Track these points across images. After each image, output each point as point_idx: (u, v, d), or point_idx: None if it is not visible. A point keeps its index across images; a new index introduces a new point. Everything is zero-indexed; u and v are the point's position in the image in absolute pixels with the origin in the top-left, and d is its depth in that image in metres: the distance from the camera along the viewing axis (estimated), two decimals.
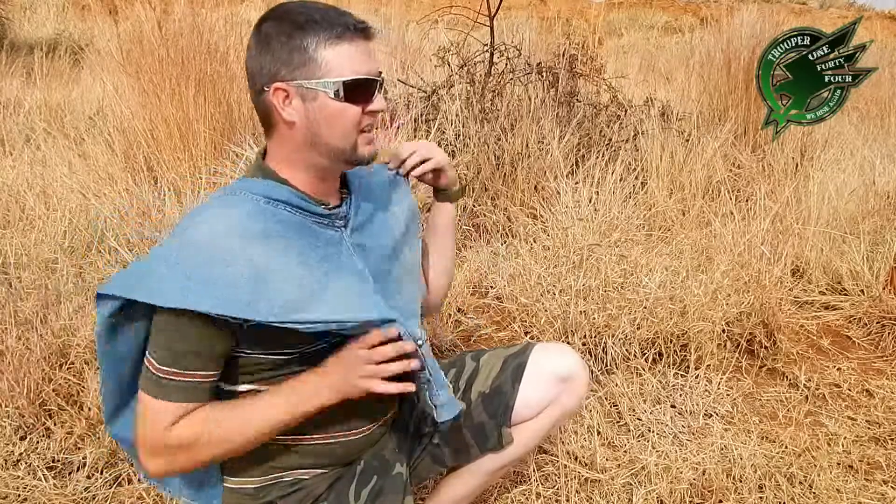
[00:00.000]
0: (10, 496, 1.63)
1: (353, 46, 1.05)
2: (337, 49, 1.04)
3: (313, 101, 1.06)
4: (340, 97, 1.05)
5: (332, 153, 1.10)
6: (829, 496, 1.75)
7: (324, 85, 1.05)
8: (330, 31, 1.04)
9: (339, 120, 1.07)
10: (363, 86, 1.07)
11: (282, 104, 1.07)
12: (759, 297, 2.44)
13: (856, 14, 12.23)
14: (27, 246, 2.54)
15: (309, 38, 1.03)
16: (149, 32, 3.22)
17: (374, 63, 1.09)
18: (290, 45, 1.04)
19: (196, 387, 1.05)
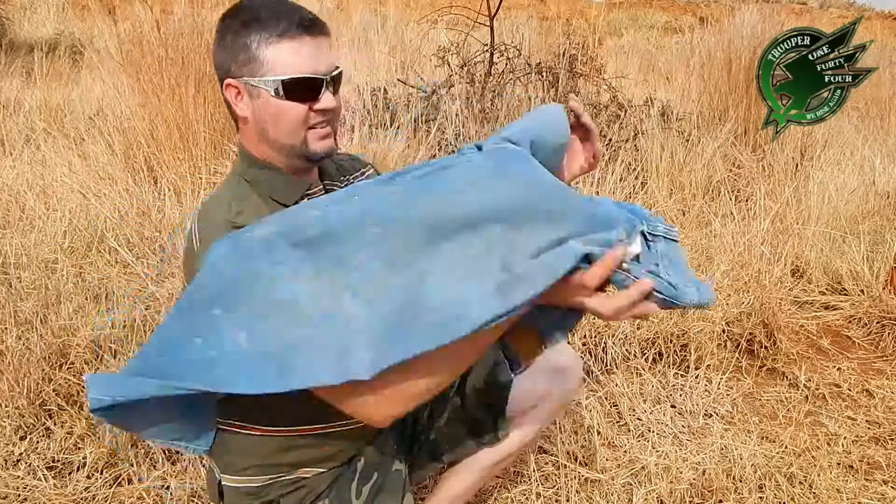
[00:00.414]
0: (10, 496, 1.63)
1: (295, 44, 1.04)
2: (277, 47, 1.04)
3: (258, 99, 1.07)
4: (281, 95, 1.05)
5: (282, 149, 1.11)
6: (829, 496, 1.75)
7: (265, 83, 1.05)
8: (272, 29, 1.03)
9: (283, 118, 1.07)
10: (306, 84, 1.05)
11: (234, 100, 1.09)
12: (759, 297, 2.44)
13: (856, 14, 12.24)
14: (27, 246, 2.54)
15: (252, 35, 1.04)
16: (148, 32, 3.22)
17: (323, 60, 1.07)
18: (237, 42, 1.05)
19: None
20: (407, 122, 3.35)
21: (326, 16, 6.67)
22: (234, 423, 1.18)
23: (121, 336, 2.06)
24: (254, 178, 1.13)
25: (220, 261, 0.89)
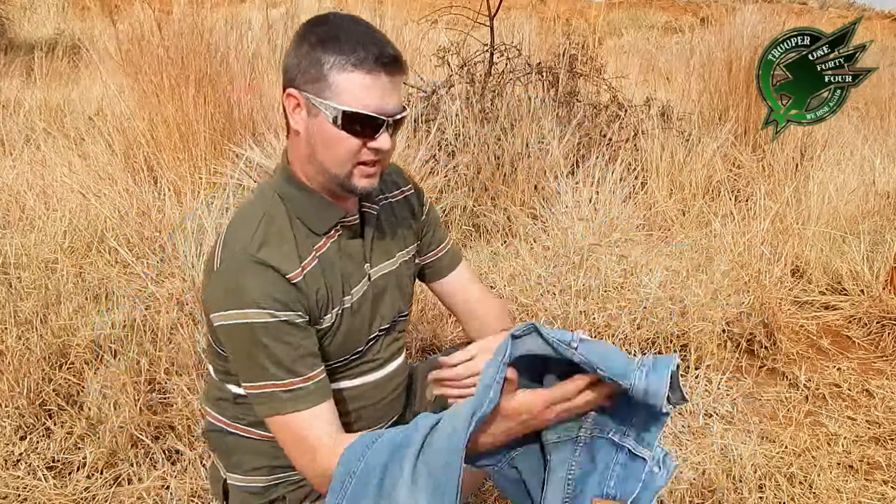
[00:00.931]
0: (10, 496, 1.63)
1: (369, 78, 1.00)
2: (350, 76, 0.99)
3: (315, 119, 1.03)
4: (339, 125, 1.01)
5: (326, 175, 1.07)
6: (829, 496, 1.75)
7: (326, 107, 1.01)
8: (350, 55, 0.99)
9: (335, 147, 1.03)
10: (366, 121, 1.01)
11: (291, 110, 1.06)
12: (759, 297, 2.44)
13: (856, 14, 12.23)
14: (27, 246, 2.54)
15: (328, 55, 1.00)
16: (148, 33, 3.22)
17: (391, 100, 1.03)
18: (311, 55, 1.01)
19: (322, 382, 1.05)
20: (407, 122, 3.35)
21: None
22: (241, 427, 1.18)
23: (121, 336, 2.07)
24: (288, 196, 1.10)
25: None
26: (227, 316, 1.01)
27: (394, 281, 1.23)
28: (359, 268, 1.16)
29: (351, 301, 1.14)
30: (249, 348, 1.02)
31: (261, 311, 1.00)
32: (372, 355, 1.21)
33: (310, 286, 1.07)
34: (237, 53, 3.52)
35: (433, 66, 3.98)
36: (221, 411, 1.20)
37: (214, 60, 3.30)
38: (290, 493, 1.20)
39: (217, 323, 1.04)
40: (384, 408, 1.26)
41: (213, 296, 1.05)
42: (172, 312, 2.14)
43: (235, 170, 3.04)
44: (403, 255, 1.27)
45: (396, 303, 1.25)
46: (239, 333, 1.02)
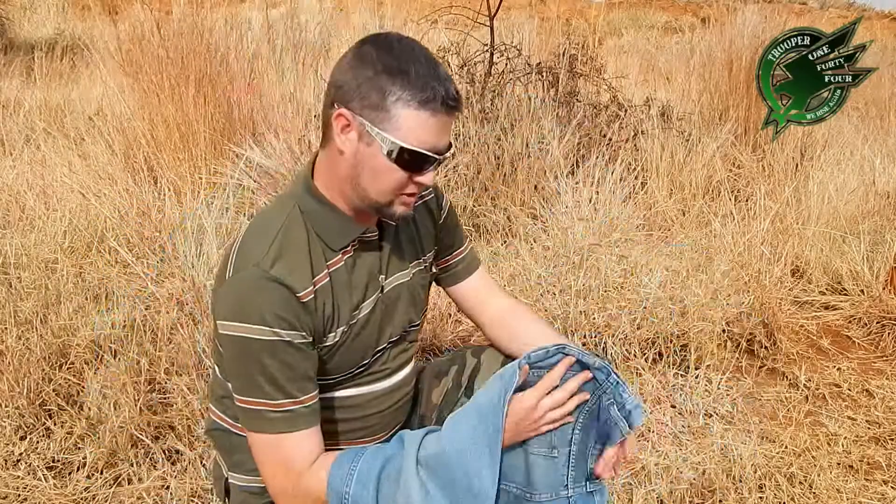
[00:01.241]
0: (9, 496, 1.63)
1: (431, 118, 0.99)
2: (414, 113, 0.98)
3: (367, 146, 1.01)
4: (392, 158, 1.00)
5: (364, 199, 1.06)
6: (829, 496, 1.75)
7: (383, 139, 0.99)
8: (417, 93, 0.98)
9: (383, 177, 1.03)
10: (420, 158, 1.01)
11: (340, 130, 1.02)
12: (759, 297, 2.44)
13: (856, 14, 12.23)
14: (27, 246, 2.54)
15: (395, 88, 0.97)
16: (148, 33, 3.22)
17: (444, 139, 1.03)
18: (374, 81, 0.98)
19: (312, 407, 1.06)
20: None
21: (326, 16, 6.67)
22: (242, 428, 1.18)
23: (121, 336, 2.07)
24: (308, 209, 1.09)
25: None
26: (231, 326, 1.01)
27: (406, 291, 1.23)
28: (373, 280, 1.16)
29: (359, 316, 1.13)
30: (247, 362, 1.02)
31: (265, 328, 1.00)
32: (380, 366, 1.21)
33: (318, 305, 1.06)
34: (237, 53, 3.52)
35: None
36: (225, 410, 1.20)
37: (214, 60, 3.30)
38: None
39: (221, 331, 1.04)
40: (391, 415, 1.26)
41: (221, 303, 1.05)
42: (172, 312, 2.14)
43: (235, 170, 3.04)
44: (419, 263, 1.27)
45: (408, 313, 1.25)
46: (239, 346, 1.01)
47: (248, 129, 3.36)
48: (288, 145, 3.10)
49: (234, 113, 3.36)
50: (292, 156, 3.05)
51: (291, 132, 3.22)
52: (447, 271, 1.37)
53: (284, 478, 1.04)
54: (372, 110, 0.99)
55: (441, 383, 1.39)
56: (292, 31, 4.66)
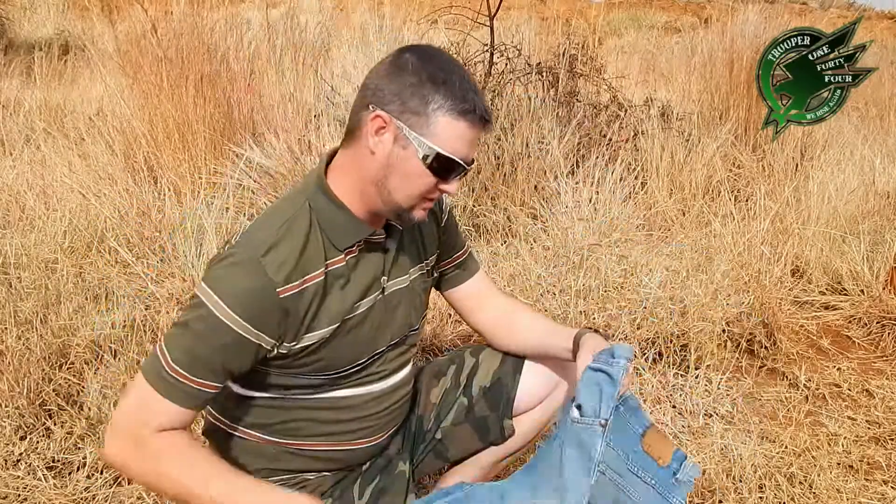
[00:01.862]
0: (10, 496, 1.63)
1: (468, 129, 1.05)
2: (454, 123, 1.03)
3: (402, 149, 1.04)
4: (427, 163, 1.04)
5: (388, 202, 1.08)
6: (829, 496, 1.75)
7: (420, 144, 1.03)
8: (459, 104, 1.02)
9: (413, 181, 1.06)
10: (452, 166, 1.06)
11: (374, 131, 1.05)
12: (759, 297, 2.44)
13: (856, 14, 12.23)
14: (27, 246, 2.54)
15: (438, 96, 1.02)
16: (147, 33, 3.22)
17: (473, 152, 1.09)
18: (417, 89, 1.02)
19: (200, 395, 1.03)
20: None
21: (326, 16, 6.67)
22: (240, 429, 1.19)
23: (121, 336, 2.07)
24: (318, 207, 1.10)
25: None
26: (203, 288, 1.02)
27: (407, 296, 1.23)
28: (375, 281, 1.16)
29: (354, 314, 1.13)
30: (189, 319, 1.02)
31: (226, 308, 1.00)
32: (378, 367, 1.21)
33: (302, 302, 1.06)
34: (237, 53, 3.51)
35: None
36: (222, 411, 1.20)
37: (214, 60, 3.30)
38: None
39: (196, 289, 1.05)
40: (389, 416, 1.26)
41: (210, 264, 1.07)
42: (172, 312, 2.14)
43: (235, 170, 3.04)
44: (419, 268, 1.27)
45: (408, 317, 1.25)
46: (195, 303, 1.02)
47: (248, 129, 3.36)
48: (288, 145, 3.10)
49: (233, 113, 3.36)
50: (292, 156, 3.05)
51: (291, 132, 3.22)
52: (448, 274, 1.38)
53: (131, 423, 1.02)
54: (412, 115, 1.03)
55: (440, 383, 1.40)
56: (292, 31, 4.66)
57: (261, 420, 1.17)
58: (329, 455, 1.20)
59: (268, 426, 1.17)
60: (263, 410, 1.16)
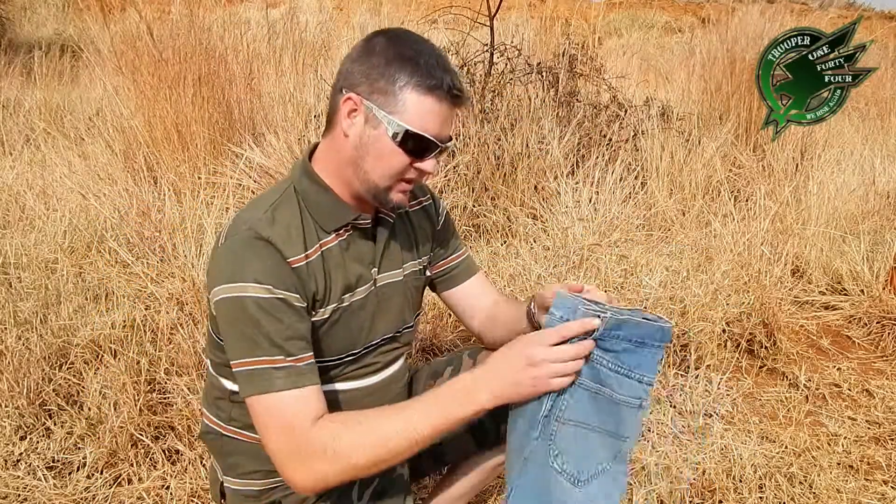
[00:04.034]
0: (10, 496, 1.63)
1: (436, 104, 1.03)
2: (421, 98, 1.02)
3: (373, 129, 1.05)
4: (397, 141, 1.04)
5: (366, 183, 1.09)
6: (829, 496, 1.75)
7: (388, 122, 1.03)
8: (426, 79, 1.02)
9: (387, 160, 1.06)
10: (424, 143, 1.05)
11: (346, 114, 1.06)
12: (760, 297, 2.44)
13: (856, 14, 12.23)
14: (27, 246, 2.54)
15: (405, 73, 1.02)
16: (144, 33, 3.22)
17: (447, 129, 1.07)
18: (385, 70, 1.03)
19: (309, 367, 1.02)
20: None
21: (326, 16, 6.67)
22: (235, 431, 1.18)
23: (121, 336, 2.06)
24: (303, 190, 1.11)
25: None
26: (225, 289, 1.01)
27: (400, 291, 1.23)
28: (366, 271, 1.16)
29: (352, 300, 1.14)
30: (242, 323, 1.01)
31: (258, 286, 1.00)
32: (370, 359, 1.21)
33: (310, 275, 1.07)
34: (235, 54, 3.51)
35: None
36: (218, 413, 1.20)
37: (213, 60, 3.30)
38: (286, 498, 1.19)
39: (215, 298, 1.03)
40: None
41: (214, 269, 1.06)
42: (172, 312, 2.14)
43: (235, 170, 3.04)
44: (413, 265, 1.27)
45: (402, 313, 1.25)
46: (233, 307, 1.01)
47: (248, 129, 3.36)
48: (287, 145, 3.10)
49: (233, 113, 3.36)
50: (292, 155, 3.05)
51: (291, 132, 3.22)
52: (443, 275, 1.37)
53: (289, 439, 0.98)
54: (380, 94, 1.03)
55: (436, 384, 1.39)
56: (292, 31, 4.65)
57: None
58: None
59: None
60: None
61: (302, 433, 0.98)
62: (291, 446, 0.98)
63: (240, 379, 1.02)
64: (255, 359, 1.00)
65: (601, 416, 1.03)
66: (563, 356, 0.97)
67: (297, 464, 0.97)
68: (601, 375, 1.01)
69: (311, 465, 0.97)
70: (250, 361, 1.00)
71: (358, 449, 0.97)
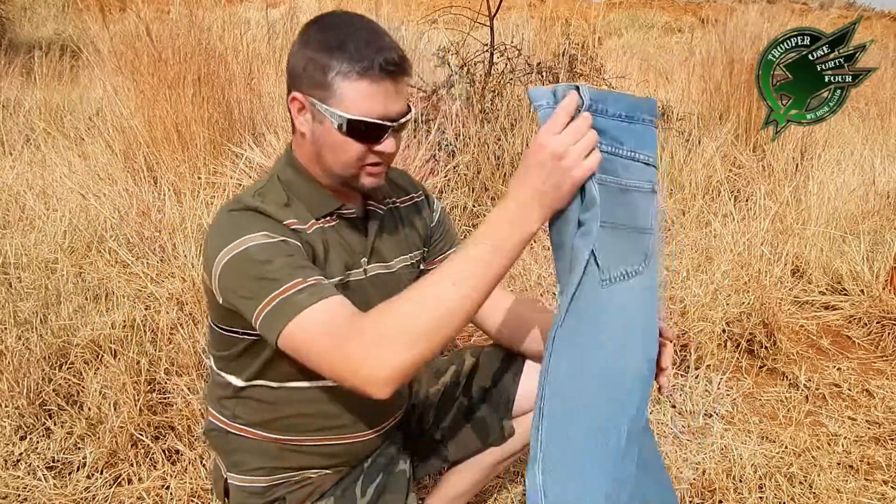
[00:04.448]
0: (10, 496, 1.63)
1: (373, 86, 1.00)
2: (354, 85, 1.00)
3: (321, 124, 1.04)
4: (343, 132, 1.02)
5: (332, 175, 1.09)
6: (829, 496, 1.75)
7: (331, 114, 1.02)
8: (355, 64, 0.99)
9: (341, 152, 1.05)
10: (370, 128, 1.03)
11: (296, 113, 1.07)
12: (759, 297, 2.44)
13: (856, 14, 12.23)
14: (27, 246, 2.54)
15: (333, 63, 1.00)
16: (143, 33, 3.22)
17: (395, 105, 1.03)
18: (316, 61, 1.01)
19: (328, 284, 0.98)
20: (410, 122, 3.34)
21: None
22: (239, 428, 1.19)
23: (121, 336, 2.07)
24: (289, 180, 1.12)
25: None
26: (225, 252, 1.00)
27: (393, 281, 1.22)
28: (356, 257, 1.16)
29: (349, 280, 1.13)
30: (252, 269, 0.98)
31: (259, 234, 1.00)
32: None
33: (307, 241, 1.07)
34: (235, 54, 3.51)
35: (433, 66, 3.98)
36: (222, 410, 1.20)
37: (213, 60, 3.30)
38: (290, 494, 1.20)
39: (218, 268, 1.01)
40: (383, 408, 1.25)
41: (209, 247, 1.04)
42: (172, 312, 2.14)
43: (235, 170, 3.04)
44: (404, 259, 1.26)
45: None
46: (239, 261, 0.99)
47: (248, 129, 3.36)
48: (288, 145, 3.10)
49: (233, 113, 3.36)
50: None
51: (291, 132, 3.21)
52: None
53: (337, 337, 0.91)
54: (318, 89, 1.02)
55: (439, 382, 1.40)
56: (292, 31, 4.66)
57: (259, 416, 1.17)
58: (328, 450, 1.20)
59: (267, 423, 1.17)
60: (262, 406, 1.16)
61: (347, 323, 0.91)
62: (342, 342, 0.90)
63: (266, 324, 0.96)
64: (276, 292, 0.95)
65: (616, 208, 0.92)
66: (578, 132, 0.86)
67: (357, 359, 0.89)
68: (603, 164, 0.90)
69: (370, 352, 0.88)
70: (272, 298, 0.95)
71: (413, 315, 0.88)
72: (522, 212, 0.87)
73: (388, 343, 0.88)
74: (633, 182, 0.94)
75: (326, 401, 1.17)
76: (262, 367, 1.13)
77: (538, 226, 0.88)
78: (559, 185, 0.86)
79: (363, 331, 0.89)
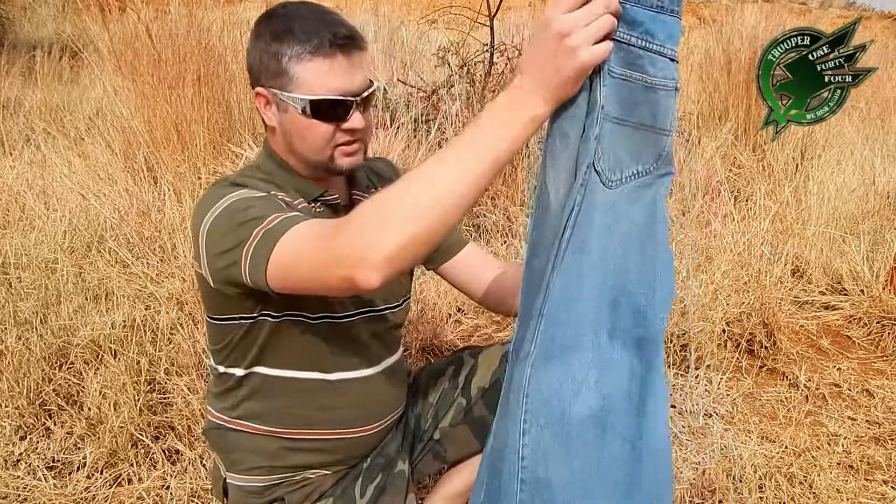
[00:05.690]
0: (10, 496, 1.63)
1: (327, 63, 1.01)
2: (309, 65, 1.01)
3: (286, 113, 1.06)
4: (308, 115, 1.03)
5: (308, 162, 1.10)
6: (829, 496, 1.75)
7: (293, 100, 1.03)
8: (305, 45, 1.00)
9: (310, 136, 1.05)
10: (333, 105, 1.03)
11: (262, 108, 1.08)
12: (759, 297, 2.44)
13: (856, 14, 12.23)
14: (27, 246, 2.54)
15: (284, 48, 1.01)
16: (143, 34, 3.22)
17: (355, 79, 1.03)
18: (268, 51, 1.03)
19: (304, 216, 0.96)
20: (407, 122, 3.35)
21: None
22: (239, 423, 1.19)
23: (121, 336, 2.07)
24: (269, 171, 1.13)
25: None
26: (209, 215, 1.00)
27: None
28: None
29: None
30: (235, 217, 0.96)
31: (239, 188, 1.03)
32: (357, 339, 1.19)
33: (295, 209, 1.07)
34: (235, 54, 3.51)
35: (433, 66, 3.98)
36: (222, 406, 1.21)
37: (212, 60, 3.30)
38: (290, 494, 1.20)
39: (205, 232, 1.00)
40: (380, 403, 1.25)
41: (196, 219, 1.03)
42: (172, 312, 2.14)
43: (235, 170, 3.04)
44: None
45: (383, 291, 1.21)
46: (222, 215, 0.98)
47: (248, 129, 3.36)
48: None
49: (233, 113, 3.36)
50: None
51: None
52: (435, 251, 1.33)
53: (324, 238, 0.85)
54: (276, 78, 1.03)
55: (437, 383, 1.40)
56: None
57: (259, 407, 1.17)
58: (326, 446, 1.20)
59: (265, 414, 1.17)
60: (261, 396, 1.16)
61: (332, 225, 0.87)
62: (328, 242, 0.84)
63: (254, 265, 0.93)
64: (258, 229, 0.93)
65: (638, 108, 0.85)
66: (592, 14, 0.75)
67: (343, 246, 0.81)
68: (631, 57, 0.82)
69: (357, 238, 0.80)
70: (255, 235, 0.93)
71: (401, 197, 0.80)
72: (523, 94, 0.79)
73: (374, 225, 0.79)
74: (659, 80, 0.86)
75: (325, 392, 1.17)
76: (261, 351, 1.13)
77: (541, 111, 0.79)
78: (560, 69, 0.76)
79: (349, 222, 0.82)
